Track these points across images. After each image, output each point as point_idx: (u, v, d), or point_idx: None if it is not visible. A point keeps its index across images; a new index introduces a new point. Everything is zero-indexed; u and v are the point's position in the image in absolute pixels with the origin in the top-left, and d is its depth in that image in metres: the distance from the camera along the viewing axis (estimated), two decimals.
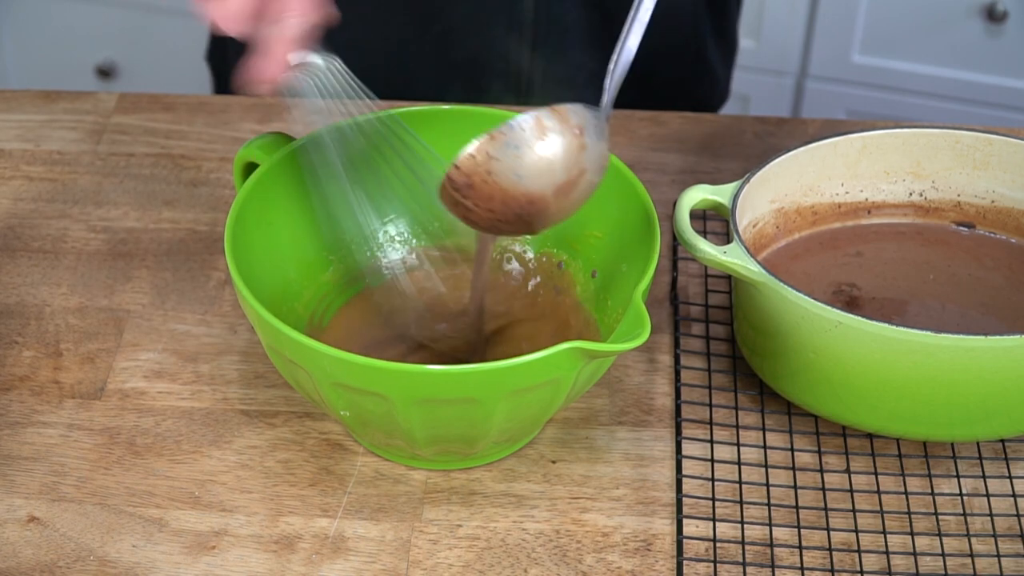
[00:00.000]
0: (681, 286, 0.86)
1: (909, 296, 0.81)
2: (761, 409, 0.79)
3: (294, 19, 0.68)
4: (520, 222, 0.71)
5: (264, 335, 0.70)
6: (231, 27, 0.67)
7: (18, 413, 0.78)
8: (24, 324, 0.84)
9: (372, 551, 0.71)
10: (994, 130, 0.84)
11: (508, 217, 0.70)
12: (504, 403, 0.67)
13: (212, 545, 0.72)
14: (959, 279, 0.82)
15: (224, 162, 0.96)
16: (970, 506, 0.74)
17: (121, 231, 0.90)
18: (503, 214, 0.70)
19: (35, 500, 0.74)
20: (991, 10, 1.65)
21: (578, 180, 0.70)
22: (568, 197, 0.70)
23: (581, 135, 0.70)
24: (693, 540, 0.72)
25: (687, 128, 0.99)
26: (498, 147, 0.68)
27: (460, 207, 0.70)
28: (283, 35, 0.68)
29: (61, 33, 1.96)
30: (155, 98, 1.01)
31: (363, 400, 0.68)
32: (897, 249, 0.84)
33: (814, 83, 1.78)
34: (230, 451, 0.76)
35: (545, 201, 0.70)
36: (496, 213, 0.70)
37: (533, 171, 0.69)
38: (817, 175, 0.83)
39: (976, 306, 0.80)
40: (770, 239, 0.83)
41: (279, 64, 0.69)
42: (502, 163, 0.68)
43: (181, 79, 1.84)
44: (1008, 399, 0.72)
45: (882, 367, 0.71)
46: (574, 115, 0.70)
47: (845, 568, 0.71)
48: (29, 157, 0.96)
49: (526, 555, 0.71)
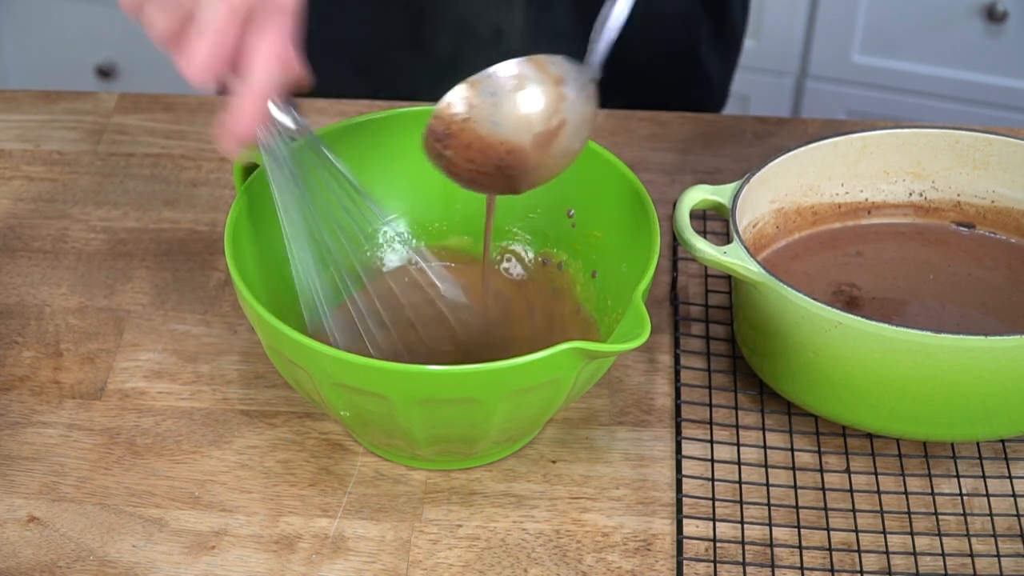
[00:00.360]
0: (681, 286, 0.86)
1: (909, 296, 0.81)
2: (761, 409, 0.79)
3: (260, 74, 0.66)
4: (501, 176, 0.71)
5: (264, 335, 0.70)
6: (198, 78, 0.65)
7: (18, 413, 0.78)
8: (24, 324, 0.84)
9: (372, 551, 0.71)
10: (994, 130, 0.84)
11: (488, 168, 0.71)
12: (504, 403, 0.67)
13: (212, 545, 0.72)
14: (959, 279, 0.82)
15: (224, 162, 0.96)
16: (970, 506, 0.74)
17: (121, 231, 0.90)
18: (483, 164, 0.71)
19: (35, 500, 0.74)
20: (991, 10, 1.65)
21: (558, 132, 0.71)
22: (548, 150, 0.71)
23: (559, 84, 0.70)
24: (693, 540, 0.72)
25: (687, 128, 0.99)
26: (475, 94, 0.69)
27: (442, 159, 0.71)
28: (249, 90, 0.66)
29: (61, 33, 1.96)
30: (155, 98, 1.01)
31: (363, 400, 0.68)
32: (897, 249, 0.84)
33: (814, 83, 1.78)
34: (230, 451, 0.76)
35: (524, 151, 0.71)
36: (476, 164, 0.71)
37: (510, 118, 0.70)
38: (817, 175, 0.83)
39: (976, 306, 0.80)
40: (770, 239, 0.83)
41: (244, 121, 0.67)
42: (479, 110, 0.69)
43: (181, 79, 1.84)
44: (1008, 399, 0.72)
45: (882, 367, 0.71)
46: (553, 65, 0.70)
47: (845, 568, 0.70)
48: (29, 157, 0.96)
49: (526, 555, 0.71)
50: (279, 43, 0.66)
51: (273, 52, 0.66)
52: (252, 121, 0.67)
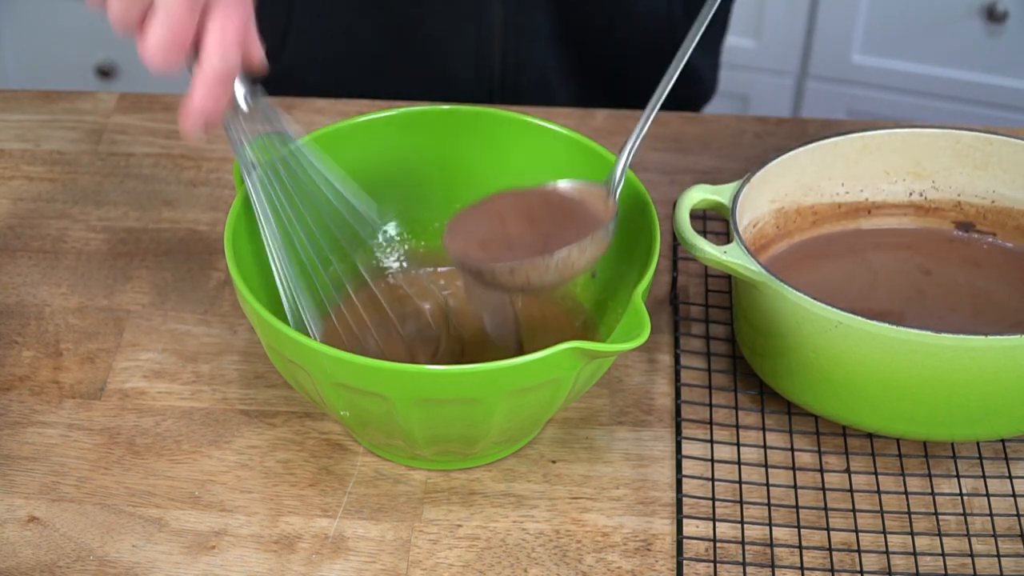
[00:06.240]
0: (681, 286, 0.86)
1: (909, 297, 0.81)
2: (761, 409, 0.79)
3: (218, 58, 0.66)
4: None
5: (264, 335, 0.70)
6: (157, 62, 0.65)
7: (18, 413, 0.78)
8: (24, 324, 0.84)
9: (372, 551, 0.71)
10: (994, 130, 0.84)
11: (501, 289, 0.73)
12: (504, 403, 0.67)
13: (212, 545, 0.72)
14: (959, 281, 0.82)
15: (224, 162, 0.96)
16: (970, 506, 0.74)
17: (121, 231, 0.90)
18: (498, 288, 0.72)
19: (35, 500, 0.74)
20: (991, 10, 1.65)
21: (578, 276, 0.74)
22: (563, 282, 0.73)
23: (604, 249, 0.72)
24: (693, 540, 0.72)
25: (687, 128, 0.99)
26: (537, 273, 0.70)
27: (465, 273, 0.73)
28: (208, 73, 0.66)
29: (61, 33, 1.96)
30: (155, 98, 1.01)
31: (363, 400, 0.68)
32: (897, 251, 0.84)
33: (814, 83, 1.78)
34: (230, 451, 0.76)
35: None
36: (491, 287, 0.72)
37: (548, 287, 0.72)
38: (817, 175, 0.83)
39: (976, 308, 0.80)
40: (770, 239, 0.83)
41: (203, 103, 0.66)
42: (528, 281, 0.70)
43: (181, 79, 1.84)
44: (1008, 399, 0.72)
45: (882, 367, 0.71)
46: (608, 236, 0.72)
47: (845, 568, 0.71)
48: (29, 157, 0.96)
49: (526, 555, 0.71)
50: (239, 27, 0.66)
51: (232, 36, 0.66)
52: (212, 103, 0.67)
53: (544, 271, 0.70)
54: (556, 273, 0.70)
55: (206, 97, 0.66)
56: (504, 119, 0.81)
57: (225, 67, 0.66)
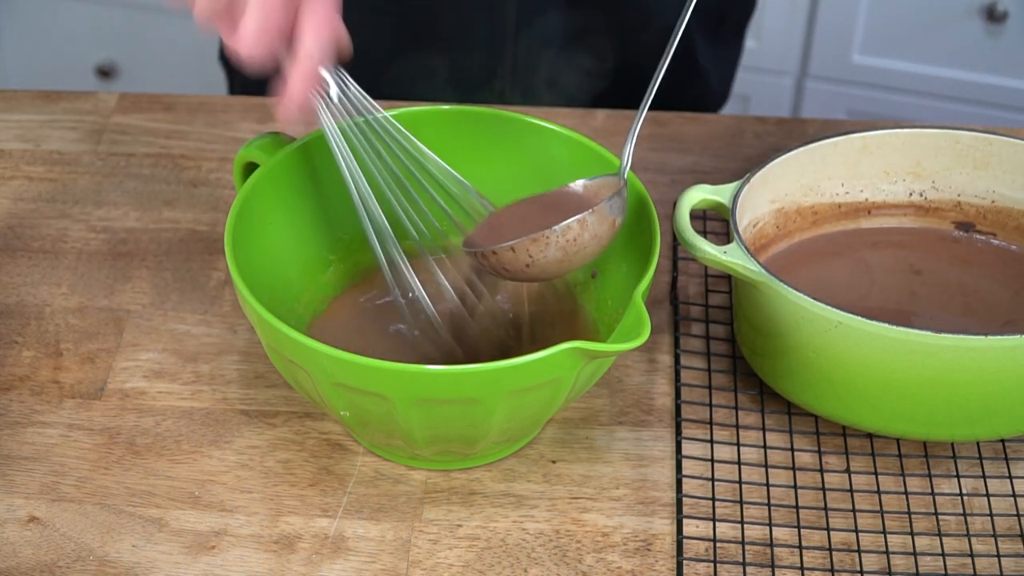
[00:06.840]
0: (681, 286, 0.86)
1: (909, 298, 0.81)
2: (761, 409, 0.79)
3: (312, 44, 0.67)
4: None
5: (264, 335, 0.70)
6: (250, 53, 0.66)
7: (18, 413, 0.78)
8: (24, 324, 0.84)
9: (372, 551, 0.71)
10: (994, 130, 0.84)
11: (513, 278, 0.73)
12: (504, 403, 0.67)
13: (212, 545, 0.72)
14: (958, 283, 0.82)
15: (224, 162, 0.96)
16: (970, 506, 0.74)
17: (121, 231, 0.90)
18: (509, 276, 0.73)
19: (35, 500, 0.74)
20: (991, 10, 1.65)
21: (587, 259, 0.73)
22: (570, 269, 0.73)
23: (614, 227, 0.72)
24: (693, 540, 0.72)
25: (687, 128, 0.99)
26: (538, 248, 0.70)
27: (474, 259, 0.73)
28: (304, 59, 0.67)
29: (61, 33, 1.96)
30: (155, 98, 1.01)
31: (363, 400, 0.68)
32: (896, 251, 0.84)
33: (814, 83, 1.78)
34: (230, 451, 0.76)
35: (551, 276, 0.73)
36: (503, 275, 0.73)
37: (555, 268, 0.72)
38: (817, 175, 0.83)
39: (976, 310, 0.80)
40: (770, 239, 0.83)
41: (300, 89, 0.68)
42: (531, 259, 0.71)
43: (181, 79, 1.84)
44: (1008, 399, 0.72)
45: (882, 367, 0.71)
46: (612, 211, 0.72)
47: (845, 568, 0.71)
48: (29, 157, 0.96)
49: (526, 555, 0.71)
50: (332, 15, 0.68)
51: (324, 22, 0.67)
52: (307, 89, 0.68)
53: (545, 246, 0.70)
54: (559, 249, 0.70)
55: (303, 86, 0.68)
56: (504, 119, 0.81)
57: (321, 56, 0.68)
